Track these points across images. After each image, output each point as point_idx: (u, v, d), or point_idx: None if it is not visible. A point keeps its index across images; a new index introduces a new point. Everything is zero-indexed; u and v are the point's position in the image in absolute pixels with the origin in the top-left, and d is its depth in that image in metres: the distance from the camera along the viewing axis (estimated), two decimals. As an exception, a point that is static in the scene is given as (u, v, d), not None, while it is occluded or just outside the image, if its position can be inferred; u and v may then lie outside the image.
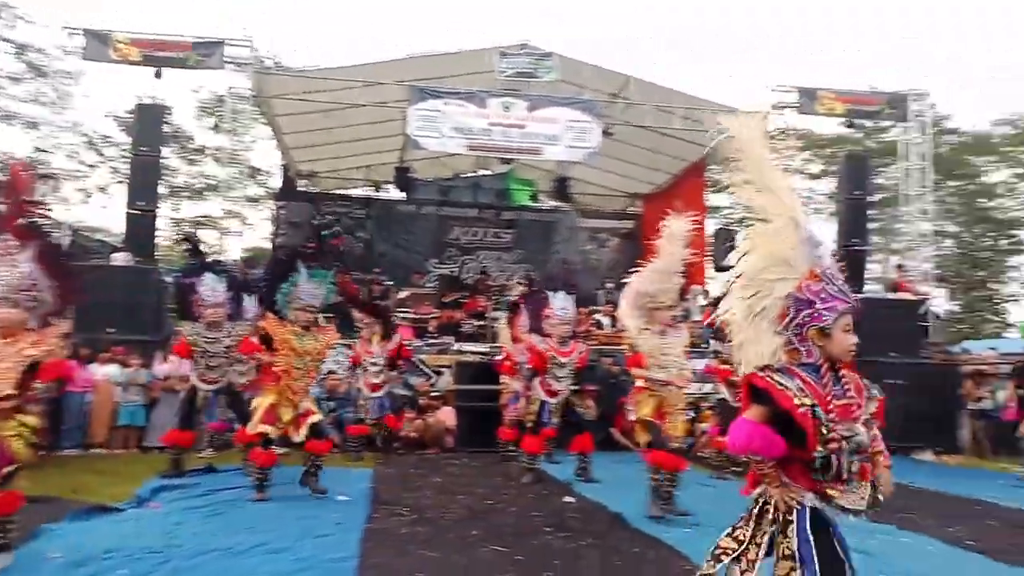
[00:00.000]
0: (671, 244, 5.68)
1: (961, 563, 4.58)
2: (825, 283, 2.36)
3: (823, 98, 13.59)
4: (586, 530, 5.18)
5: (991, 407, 10.83)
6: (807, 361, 2.37)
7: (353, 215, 17.31)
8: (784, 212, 2.42)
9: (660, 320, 5.76)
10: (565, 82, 13.21)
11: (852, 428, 2.32)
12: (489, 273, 17.00)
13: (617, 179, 17.66)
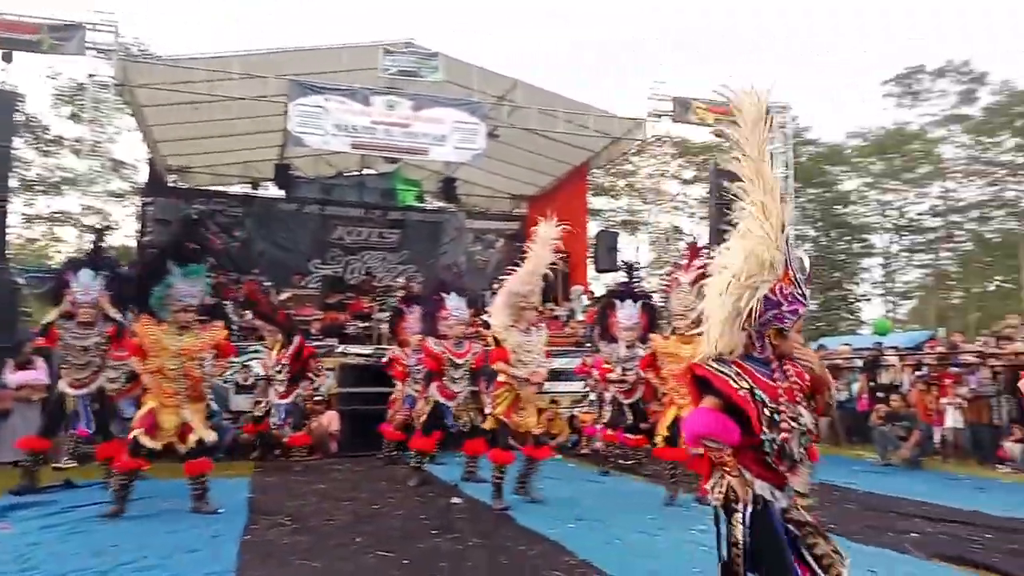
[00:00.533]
0: (540, 247, 5.98)
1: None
2: (794, 287, 2.42)
3: (696, 108, 14.25)
4: (473, 530, 5.17)
5: (846, 399, 11.72)
6: (758, 356, 2.47)
7: (229, 213, 16.55)
8: (774, 216, 2.43)
9: (527, 319, 6.13)
10: (451, 83, 13.19)
11: (798, 411, 2.43)
12: (374, 274, 16.73)
13: (503, 181, 17.83)
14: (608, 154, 15.87)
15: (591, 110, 13.96)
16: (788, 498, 2.45)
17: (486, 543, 4.81)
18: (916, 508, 6.27)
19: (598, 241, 16.31)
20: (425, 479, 7.33)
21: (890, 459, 9.45)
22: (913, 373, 10.80)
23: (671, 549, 4.69)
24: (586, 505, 6.21)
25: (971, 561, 4.43)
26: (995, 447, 9.23)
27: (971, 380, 9.73)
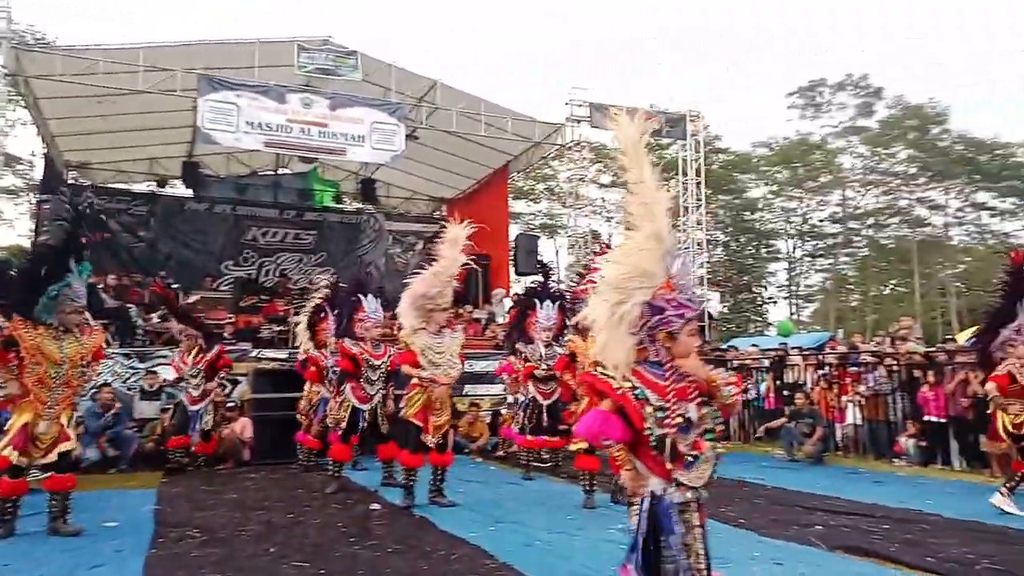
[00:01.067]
0: (450, 249, 5.95)
1: (733, 540, 5.06)
2: (677, 292, 2.59)
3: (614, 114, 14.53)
4: (393, 537, 5.10)
5: (755, 397, 12.18)
6: (654, 359, 2.62)
7: (134, 212, 15.82)
8: (652, 228, 2.61)
9: (437, 321, 6.11)
10: (369, 82, 13.01)
11: (684, 407, 2.57)
12: (289, 276, 16.32)
13: (423, 183, 17.72)
14: (528, 158, 16.01)
15: (511, 114, 14.05)
16: (683, 494, 2.59)
17: (406, 549, 4.75)
18: (819, 502, 6.56)
19: (518, 244, 16.41)
20: (343, 486, 7.19)
21: (796, 455, 9.87)
22: (816, 372, 11.32)
23: (590, 549, 4.75)
24: (507, 507, 6.22)
25: (870, 551, 4.67)
26: (891, 442, 9.77)
27: (869, 379, 10.26)
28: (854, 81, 39.15)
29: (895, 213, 40.20)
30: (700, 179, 15.57)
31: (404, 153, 12.77)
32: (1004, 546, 4.81)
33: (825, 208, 41.31)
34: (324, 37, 12.57)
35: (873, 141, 38.85)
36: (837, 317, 37.69)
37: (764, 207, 41.63)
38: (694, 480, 2.60)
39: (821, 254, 42.07)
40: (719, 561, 4.38)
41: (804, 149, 39.55)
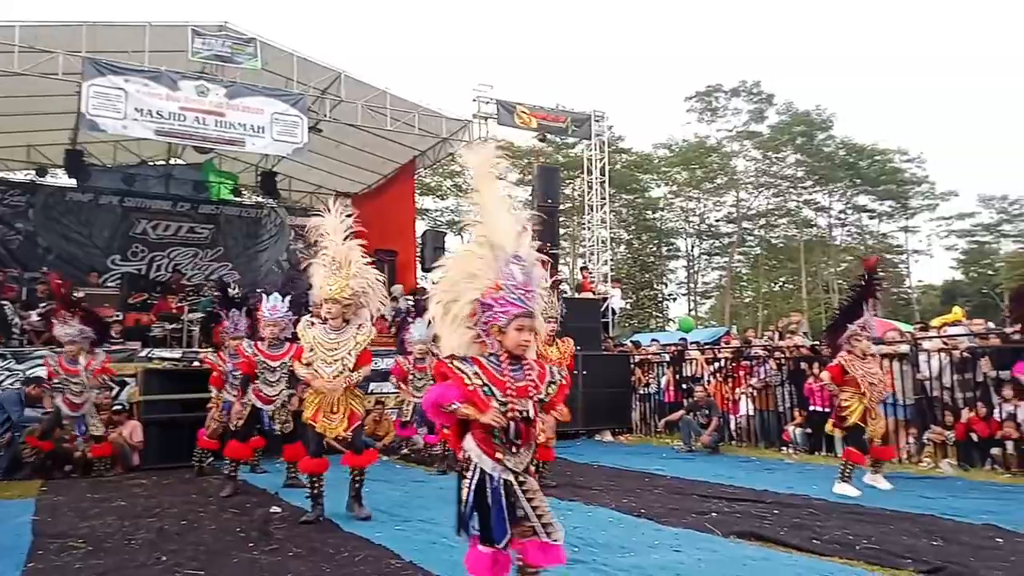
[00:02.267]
0: (331, 237, 5.69)
1: (634, 529, 5.21)
2: (504, 292, 2.87)
3: (520, 112, 14.65)
4: (295, 540, 4.96)
5: (655, 391, 12.58)
6: (491, 352, 2.93)
7: (11, 202, 14.76)
8: (483, 236, 3.00)
9: (326, 313, 5.63)
10: (269, 72, 12.60)
11: (523, 403, 2.88)
12: (183, 272, 15.62)
13: (327, 177, 17.31)
14: (435, 153, 15.91)
15: (418, 108, 13.92)
16: (512, 473, 2.89)
17: (308, 552, 4.63)
18: (715, 490, 6.84)
19: (425, 240, 16.29)
20: (240, 488, 6.94)
21: (693, 446, 10.26)
22: (712, 366, 11.79)
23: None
24: (413, 506, 6.17)
25: (761, 535, 4.90)
26: (780, 431, 10.30)
27: (760, 371, 10.79)
28: (748, 87, 40.94)
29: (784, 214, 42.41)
30: (604, 178, 15.90)
31: (307, 146, 12.42)
32: (880, 527, 5.15)
33: (721, 208, 43.11)
34: (220, 22, 12.07)
35: (765, 145, 40.77)
36: (732, 313, 39.38)
37: (665, 207, 43.01)
38: (517, 465, 2.91)
39: (717, 252, 43.89)
40: (622, 551, 4.52)
41: (702, 152, 41.06)
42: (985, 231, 41.67)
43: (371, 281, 5.80)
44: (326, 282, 5.60)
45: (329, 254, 5.65)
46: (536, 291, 2.94)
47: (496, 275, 2.91)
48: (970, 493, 6.64)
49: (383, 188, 17.10)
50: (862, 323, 6.91)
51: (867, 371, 6.87)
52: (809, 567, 4.15)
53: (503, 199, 3.06)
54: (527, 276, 2.92)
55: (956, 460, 8.23)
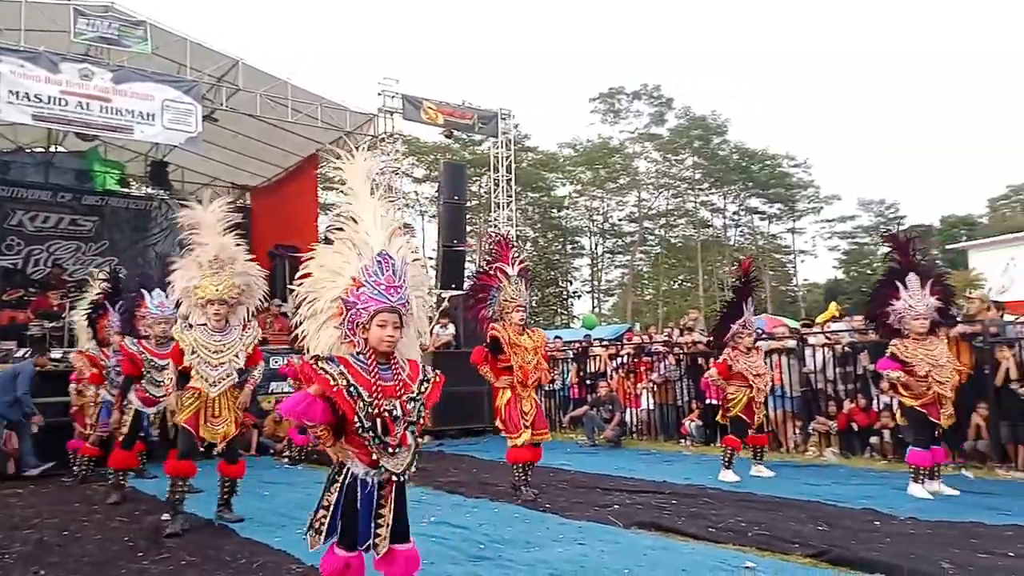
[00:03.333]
0: (206, 235, 5.36)
1: (539, 524, 5.27)
2: (366, 288, 2.86)
3: (426, 108, 14.52)
4: (188, 548, 4.73)
5: (560, 387, 12.76)
6: (358, 351, 2.88)
7: None
8: (348, 236, 3.00)
9: (213, 315, 5.30)
10: (161, 56, 11.97)
11: (392, 403, 2.85)
12: (64, 266, 14.64)
13: (223, 168, 16.61)
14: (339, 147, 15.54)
15: (321, 100, 13.56)
16: (382, 475, 2.89)
17: (202, 560, 4.43)
18: (617, 483, 7.01)
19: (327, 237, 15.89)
20: (128, 496, 6.57)
21: (597, 440, 10.47)
22: (615, 362, 12.08)
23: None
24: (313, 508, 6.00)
25: (660, 525, 5.05)
26: (678, 425, 10.66)
27: (660, 367, 11.13)
28: (649, 91, 42.18)
29: (683, 214, 43.98)
30: (510, 176, 15.98)
31: (202, 135, 11.87)
32: (770, 513, 5.41)
33: (623, 208, 44.25)
34: (106, 3, 11.36)
35: (665, 148, 42.14)
36: (634, 310, 40.47)
37: (569, 205, 43.73)
38: (396, 467, 2.88)
39: (620, 251, 45.02)
40: (527, 546, 4.55)
41: (605, 152, 42.01)
42: (864, 233, 44.56)
43: (255, 279, 5.57)
44: (208, 282, 5.28)
45: (209, 251, 5.32)
46: (404, 287, 2.93)
47: (357, 272, 2.91)
48: (851, 480, 7.07)
49: (284, 182, 16.57)
50: (743, 321, 7.33)
51: (751, 365, 7.28)
52: (705, 554, 4.30)
53: (375, 203, 3.07)
54: (393, 273, 2.91)
55: (838, 449, 8.75)
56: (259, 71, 12.82)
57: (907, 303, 6.08)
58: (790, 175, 43.42)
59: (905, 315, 6.09)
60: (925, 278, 6.15)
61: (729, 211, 44.95)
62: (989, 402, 7.47)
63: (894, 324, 6.22)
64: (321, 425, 2.79)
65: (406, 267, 2.97)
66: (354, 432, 2.81)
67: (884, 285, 6.32)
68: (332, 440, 2.86)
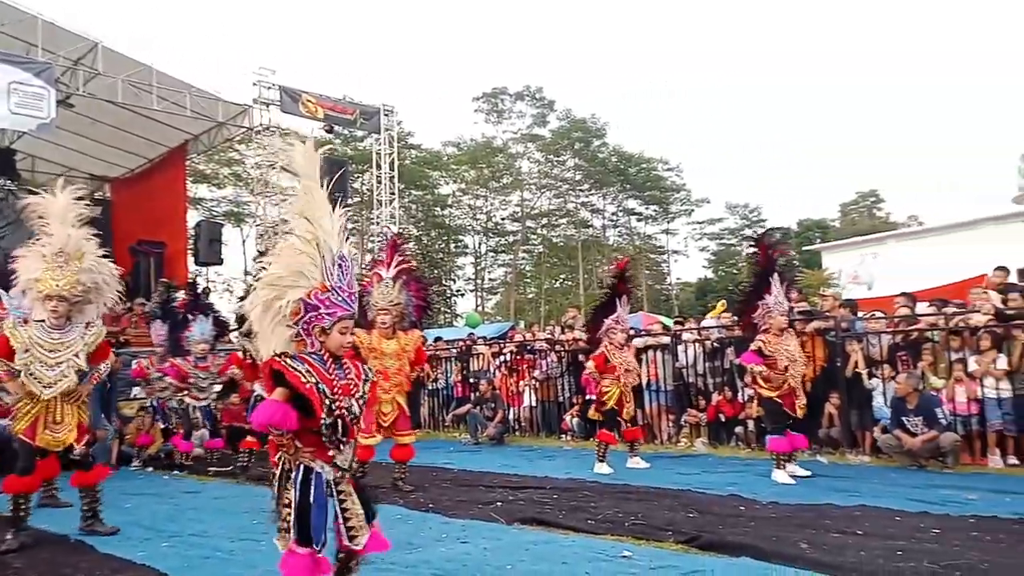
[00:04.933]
0: (54, 227, 4.98)
1: (422, 524, 5.22)
2: (331, 293, 2.89)
3: (305, 101, 14.10)
4: (38, 566, 4.36)
5: (443, 386, 12.72)
6: (312, 351, 2.91)
7: None
8: (311, 236, 2.94)
9: (58, 312, 4.92)
10: (8, 35, 10.99)
11: (350, 402, 2.92)
12: None
13: (80, 158, 15.43)
14: (210, 139, 14.81)
15: (190, 89, 12.88)
16: (336, 470, 2.93)
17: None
18: (500, 480, 7.07)
19: (199, 232, 15.10)
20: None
21: (480, 438, 10.52)
22: (498, 360, 12.17)
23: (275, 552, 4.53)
24: (184, 519, 5.69)
25: (542, 520, 5.14)
26: (560, 421, 10.88)
27: (542, 364, 11.32)
28: (531, 92, 42.81)
29: (564, 215, 44.96)
30: (393, 173, 15.79)
31: (55, 122, 10.99)
32: (645, 503, 5.63)
33: (507, 207, 44.71)
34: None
35: (547, 149, 42.92)
36: (516, 308, 40.97)
37: (453, 203, 43.71)
38: (343, 462, 2.96)
39: (503, 250, 45.44)
40: (409, 547, 4.51)
41: (488, 151, 42.29)
42: (731, 235, 47.16)
43: (107, 276, 5.17)
44: (49, 276, 4.86)
45: (54, 243, 4.91)
46: (355, 293, 2.99)
47: (323, 275, 2.90)
48: (719, 468, 7.48)
49: (149, 173, 15.60)
50: (615, 317, 7.64)
51: (623, 360, 7.58)
52: (585, 546, 4.41)
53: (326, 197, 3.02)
54: (350, 277, 2.96)
55: (708, 439, 9.22)
56: (120, 55, 12.02)
57: (775, 300, 6.53)
58: (664, 179, 45.32)
59: (772, 311, 6.54)
60: (783, 278, 6.64)
61: (608, 212, 46.36)
62: (840, 392, 8.09)
63: (756, 320, 6.66)
64: (289, 432, 2.80)
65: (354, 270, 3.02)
66: (315, 431, 2.84)
67: (757, 283, 6.75)
68: (293, 447, 2.86)
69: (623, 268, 8.13)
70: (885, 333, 8.20)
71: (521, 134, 43.21)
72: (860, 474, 6.89)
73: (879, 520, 4.82)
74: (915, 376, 7.22)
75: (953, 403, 7.30)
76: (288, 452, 2.88)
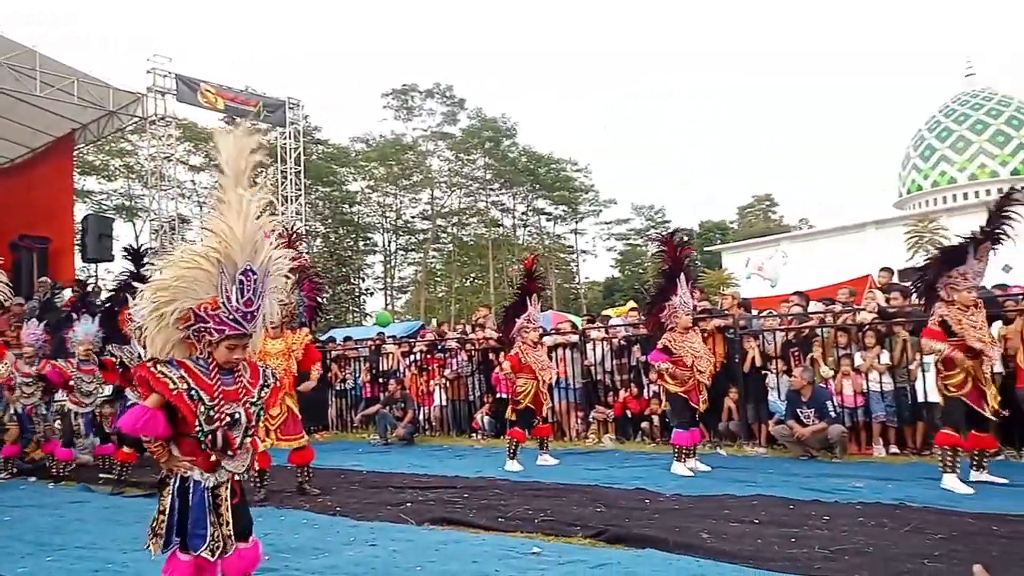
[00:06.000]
0: None
1: (329, 529, 5.10)
2: (221, 311, 2.80)
3: (204, 91, 13.54)
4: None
5: (352, 386, 12.49)
6: (200, 356, 2.84)
7: None
8: (214, 249, 2.82)
9: None
10: None
11: (233, 407, 2.83)
12: None
13: (-47, 146, 14.30)
14: (99, 128, 13.99)
15: (78, 75, 12.13)
16: (220, 478, 2.86)
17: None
18: (410, 480, 6.99)
19: (87, 226, 14.24)
20: None
21: (390, 439, 10.39)
22: (408, 360, 12.04)
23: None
24: (70, 531, 5.34)
25: (452, 519, 5.11)
26: (471, 419, 10.88)
27: (453, 363, 11.28)
28: (442, 90, 42.63)
29: (475, 213, 45.02)
30: (299, 169, 15.38)
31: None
32: (555, 500, 5.69)
33: (417, 205, 44.38)
34: None
35: (457, 147, 42.85)
36: (427, 307, 40.72)
37: (362, 201, 43.02)
38: (236, 468, 2.90)
39: (413, 248, 45.09)
40: (316, 552, 4.40)
41: (398, 148, 41.85)
42: (637, 235, 48.45)
43: None
44: None
45: None
46: (259, 307, 2.88)
47: (215, 291, 2.81)
48: (625, 463, 7.65)
49: (32, 164, 14.60)
50: (527, 316, 7.73)
51: (536, 358, 7.65)
52: (495, 544, 4.42)
53: (248, 202, 2.86)
54: (253, 294, 2.84)
55: (615, 435, 9.43)
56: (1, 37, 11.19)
57: (681, 299, 6.75)
58: (573, 179, 46.06)
59: (679, 310, 6.76)
60: (688, 278, 6.89)
61: (518, 211, 46.74)
62: (739, 387, 8.44)
63: (664, 319, 6.86)
64: (158, 440, 2.75)
65: (267, 278, 2.89)
66: (192, 437, 2.77)
67: (665, 283, 6.97)
68: (167, 455, 2.80)
69: (530, 266, 8.23)
70: (779, 330, 8.61)
71: (431, 132, 42.99)
72: (757, 465, 7.21)
73: (774, 509, 5.05)
74: (811, 370, 7.63)
75: (841, 396, 7.75)
76: (161, 459, 2.82)
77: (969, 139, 32.04)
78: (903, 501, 5.10)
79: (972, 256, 5.50)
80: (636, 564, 3.86)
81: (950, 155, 32.59)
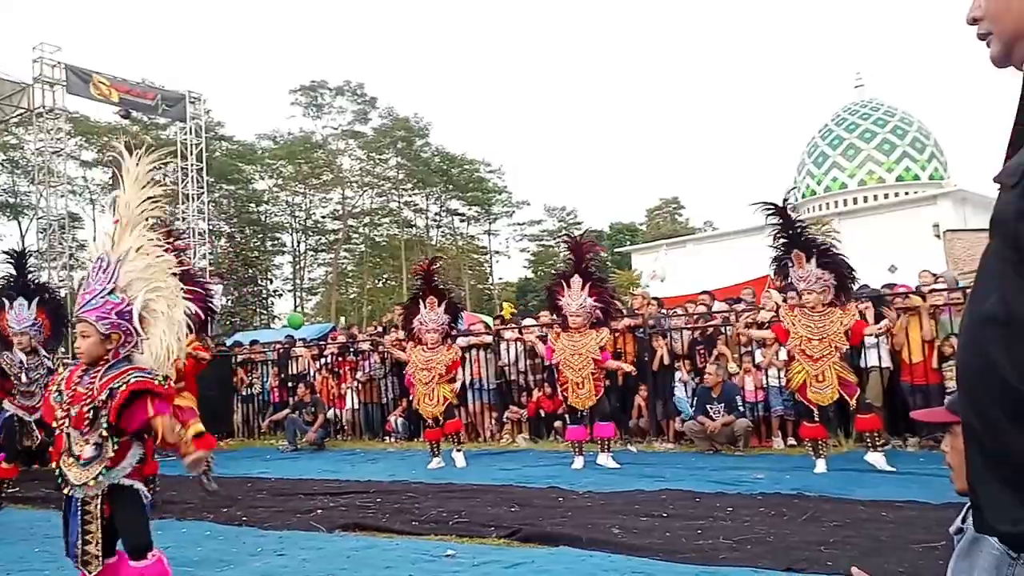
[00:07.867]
0: None
1: (235, 539, 4.92)
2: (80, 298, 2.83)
3: (97, 82, 12.83)
4: None
5: (260, 390, 12.09)
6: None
7: None
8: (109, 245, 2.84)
9: None
10: None
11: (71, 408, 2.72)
12: None
13: None
14: (-20, 120, 13.04)
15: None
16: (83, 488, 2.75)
17: None
18: (320, 486, 6.83)
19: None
20: None
21: (299, 444, 10.12)
22: (318, 363, 11.76)
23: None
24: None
25: (365, 525, 5.03)
26: (384, 422, 10.73)
27: (365, 366, 11.09)
28: (352, 88, 41.88)
29: (387, 213, 44.46)
30: (202, 165, 14.79)
31: None
32: (469, 501, 5.69)
33: (327, 205, 43.46)
34: None
35: (368, 146, 42.20)
36: (338, 309, 39.91)
37: (269, 200, 41.79)
38: (75, 478, 2.74)
39: (323, 249, 44.11)
40: (221, 565, 4.23)
41: (307, 146, 40.86)
42: (549, 236, 49.02)
43: None
44: None
45: None
46: (98, 292, 2.78)
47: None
48: (539, 462, 7.73)
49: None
50: (419, 319, 7.90)
51: (423, 359, 7.84)
52: (409, 548, 4.38)
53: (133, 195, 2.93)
54: (90, 279, 2.83)
55: (528, 434, 9.50)
56: None
57: (567, 301, 7.17)
58: (486, 180, 46.16)
59: (565, 311, 7.18)
60: (586, 280, 7.13)
61: (431, 212, 46.45)
62: (648, 385, 8.66)
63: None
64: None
65: (119, 264, 2.80)
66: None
67: (553, 285, 7.45)
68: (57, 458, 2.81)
69: (424, 270, 8.35)
70: (686, 329, 8.89)
71: (342, 130, 42.17)
72: (665, 460, 7.42)
73: (682, 502, 5.21)
74: (723, 367, 7.94)
75: (743, 391, 8.07)
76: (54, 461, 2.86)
77: (858, 147, 33.93)
78: (800, 491, 5.36)
79: (792, 267, 6.38)
80: (550, 562, 3.90)
81: (841, 161, 34.43)
